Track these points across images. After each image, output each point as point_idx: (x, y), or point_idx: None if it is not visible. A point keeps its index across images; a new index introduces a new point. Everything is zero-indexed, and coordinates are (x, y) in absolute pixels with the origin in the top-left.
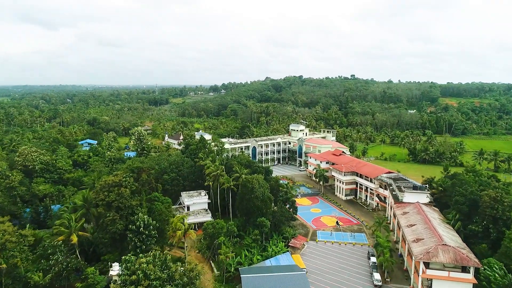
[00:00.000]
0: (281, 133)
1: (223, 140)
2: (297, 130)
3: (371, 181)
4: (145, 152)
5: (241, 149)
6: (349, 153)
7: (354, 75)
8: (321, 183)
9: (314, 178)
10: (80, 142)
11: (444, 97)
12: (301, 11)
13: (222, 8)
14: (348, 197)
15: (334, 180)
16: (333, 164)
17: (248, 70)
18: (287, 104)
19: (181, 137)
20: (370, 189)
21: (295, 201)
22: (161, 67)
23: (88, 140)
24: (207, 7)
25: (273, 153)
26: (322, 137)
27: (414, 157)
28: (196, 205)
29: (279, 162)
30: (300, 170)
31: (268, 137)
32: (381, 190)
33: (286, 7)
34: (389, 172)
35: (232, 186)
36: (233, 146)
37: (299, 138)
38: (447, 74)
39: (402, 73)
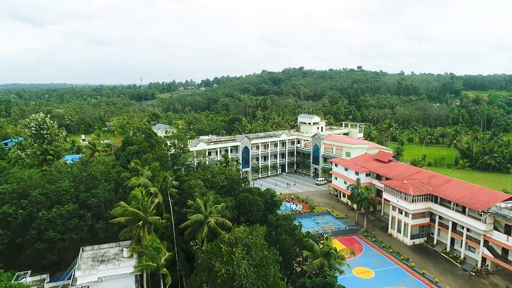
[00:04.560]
0: (284, 128)
1: (204, 137)
2: (310, 124)
3: (464, 212)
4: (51, 155)
5: (226, 151)
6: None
7: (361, 66)
8: (362, 210)
9: (344, 200)
10: (3, 142)
11: (467, 90)
12: (295, 9)
13: (216, 7)
14: (416, 241)
15: (383, 205)
16: (378, 177)
17: (244, 69)
18: (288, 97)
19: None
20: (468, 229)
21: None
22: (156, 66)
23: (20, 138)
24: (201, 5)
25: (275, 156)
26: (344, 134)
27: (471, 162)
28: (108, 282)
29: (283, 170)
30: (318, 184)
31: (267, 133)
32: (498, 236)
33: (281, 5)
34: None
35: (166, 270)
36: (212, 146)
37: (315, 135)
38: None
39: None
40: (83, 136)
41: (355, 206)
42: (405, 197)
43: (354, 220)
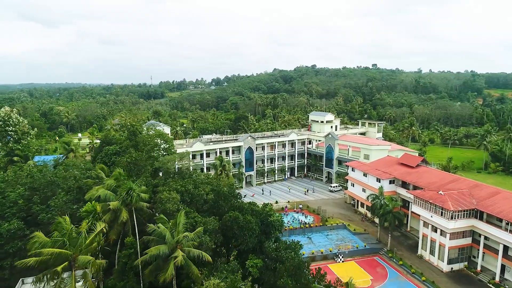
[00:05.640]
0: (295, 127)
1: (207, 137)
2: (322, 122)
3: None
4: (19, 156)
5: (226, 152)
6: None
7: (376, 64)
8: (386, 224)
9: (362, 210)
10: None
11: (489, 89)
12: (302, 9)
13: (221, 7)
14: (455, 266)
15: (409, 218)
16: (404, 185)
17: (254, 68)
18: (300, 95)
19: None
20: None
21: None
22: (167, 66)
23: None
24: (206, 6)
25: (283, 159)
26: (361, 134)
27: (504, 166)
28: None
29: (292, 174)
30: (332, 191)
31: (275, 132)
32: None
33: (287, 5)
34: None
35: None
36: (211, 146)
37: (328, 135)
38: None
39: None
40: (79, 135)
41: (376, 219)
42: (441, 212)
43: (375, 237)
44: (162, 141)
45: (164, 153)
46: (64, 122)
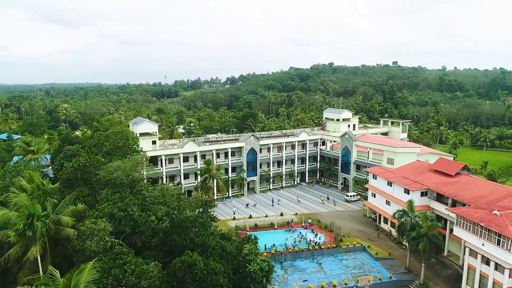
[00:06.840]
0: (307, 126)
1: (210, 136)
2: (338, 120)
3: None
4: None
5: (225, 153)
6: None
7: (396, 62)
8: (419, 248)
9: (385, 226)
10: None
11: None
12: (320, 8)
13: (238, 10)
14: None
15: (447, 240)
16: (439, 197)
17: (267, 68)
18: (315, 94)
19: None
20: None
21: None
22: (180, 67)
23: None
24: (223, 7)
25: (291, 162)
26: (383, 134)
27: None
28: None
29: (302, 179)
30: (348, 201)
31: (283, 131)
32: None
33: (304, 4)
34: None
35: None
36: (206, 147)
37: (345, 135)
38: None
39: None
40: (77, 133)
41: (404, 240)
42: (498, 240)
43: (403, 264)
44: (125, 141)
45: (128, 157)
46: (64, 119)
